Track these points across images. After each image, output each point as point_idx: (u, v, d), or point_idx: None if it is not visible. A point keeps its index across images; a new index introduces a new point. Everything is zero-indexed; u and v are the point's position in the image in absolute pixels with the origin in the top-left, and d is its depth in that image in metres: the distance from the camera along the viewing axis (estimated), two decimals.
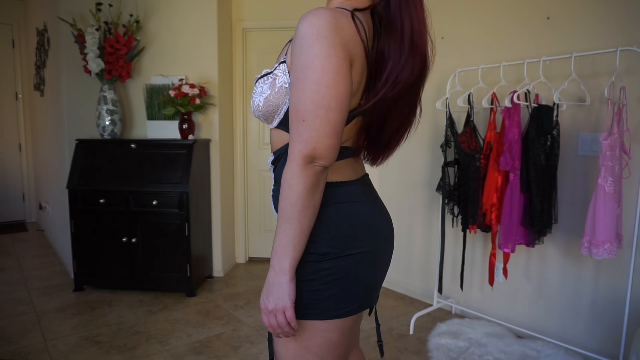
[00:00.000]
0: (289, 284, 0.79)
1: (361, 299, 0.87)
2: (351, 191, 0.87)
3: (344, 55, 0.74)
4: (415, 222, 2.86)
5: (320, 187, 0.79)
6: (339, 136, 0.76)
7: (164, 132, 3.01)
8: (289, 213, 0.77)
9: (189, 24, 3.06)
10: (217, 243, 3.22)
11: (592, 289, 2.04)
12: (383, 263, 0.91)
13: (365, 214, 0.87)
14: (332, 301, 0.83)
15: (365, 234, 0.86)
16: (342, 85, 0.74)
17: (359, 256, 0.84)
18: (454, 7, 2.54)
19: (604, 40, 1.95)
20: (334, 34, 0.73)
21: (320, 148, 0.74)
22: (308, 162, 0.75)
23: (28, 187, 5.05)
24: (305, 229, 0.79)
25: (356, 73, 0.79)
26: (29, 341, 2.19)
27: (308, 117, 0.74)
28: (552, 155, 1.95)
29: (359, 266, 0.85)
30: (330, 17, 0.74)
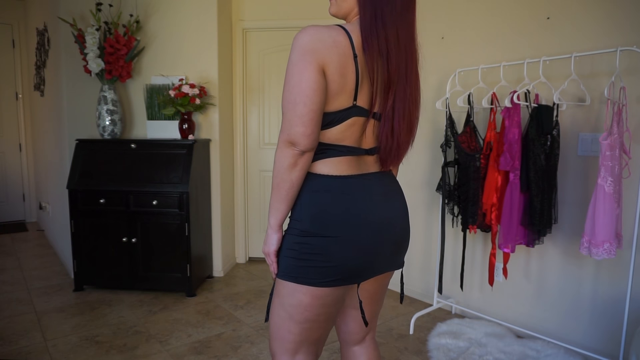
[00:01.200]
0: (273, 235, 1.06)
1: (334, 276, 1.01)
2: (340, 184, 1.01)
3: (311, 61, 0.91)
4: (415, 222, 2.86)
5: (299, 167, 0.98)
6: (308, 126, 0.93)
7: (164, 132, 3.01)
8: (274, 182, 1.01)
9: (189, 24, 3.07)
10: (217, 243, 3.22)
11: (592, 289, 2.05)
12: (365, 251, 1.02)
13: (347, 206, 1.00)
14: (307, 271, 1.00)
15: (343, 222, 0.99)
16: (305, 84, 0.91)
17: (335, 239, 0.99)
18: (454, 7, 2.54)
19: (603, 40, 1.95)
20: (308, 45, 0.92)
21: (292, 134, 0.94)
22: (287, 146, 0.96)
23: (28, 187, 5.06)
24: (284, 198, 1.01)
25: (333, 75, 0.94)
26: (29, 341, 2.19)
27: (285, 111, 0.95)
28: (552, 155, 1.95)
29: (334, 247, 0.99)
30: (310, 32, 0.93)
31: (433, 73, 2.68)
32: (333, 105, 0.97)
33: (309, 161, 0.99)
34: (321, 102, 0.93)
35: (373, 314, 1.24)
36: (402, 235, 1.11)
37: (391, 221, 1.07)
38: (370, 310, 1.22)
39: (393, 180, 1.14)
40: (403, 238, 1.12)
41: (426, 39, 2.70)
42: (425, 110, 2.75)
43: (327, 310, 1.06)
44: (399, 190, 1.14)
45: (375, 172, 1.08)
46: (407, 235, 1.13)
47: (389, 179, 1.12)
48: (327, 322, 1.10)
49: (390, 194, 1.09)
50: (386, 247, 1.06)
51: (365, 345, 1.26)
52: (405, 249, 1.15)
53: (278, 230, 1.06)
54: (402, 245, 1.12)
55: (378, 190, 1.06)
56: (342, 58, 0.94)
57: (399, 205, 1.11)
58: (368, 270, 1.05)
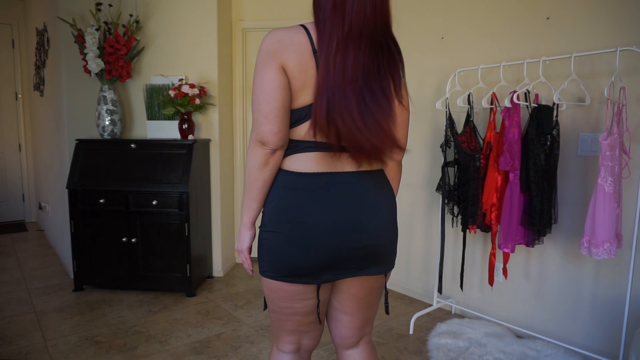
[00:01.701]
0: (245, 233, 1.11)
1: (282, 271, 1.04)
2: (300, 181, 1.01)
3: (270, 61, 0.96)
4: (415, 222, 2.86)
5: (270, 166, 1.01)
6: (274, 124, 0.96)
7: (164, 132, 3.01)
8: (247, 182, 1.05)
9: (188, 24, 3.07)
10: (217, 243, 3.22)
11: (591, 289, 2.05)
12: (316, 251, 1.01)
13: (302, 203, 1.00)
14: (267, 264, 1.06)
15: (292, 218, 1.00)
16: (266, 84, 0.96)
17: (283, 235, 1.01)
18: (454, 7, 2.54)
19: (603, 40, 1.95)
20: (268, 47, 0.97)
21: (261, 133, 0.98)
22: (258, 145, 1.00)
23: (28, 187, 5.06)
24: (256, 196, 1.05)
25: (293, 72, 0.96)
26: (29, 341, 2.19)
27: (253, 112, 0.99)
28: (551, 155, 1.95)
29: (281, 243, 1.02)
30: (271, 35, 0.98)
31: (433, 73, 2.68)
32: (298, 102, 0.99)
33: (279, 159, 1.02)
34: (284, 100, 0.97)
35: (365, 320, 1.21)
36: (374, 240, 1.05)
37: (357, 224, 1.02)
38: (361, 316, 1.19)
39: (377, 182, 1.08)
40: (377, 244, 1.06)
41: (426, 39, 2.70)
42: (425, 110, 2.75)
43: (289, 304, 1.09)
44: (382, 193, 1.08)
45: (351, 172, 1.04)
46: (384, 241, 1.07)
47: (370, 180, 1.06)
48: (296, 317, 1.12)
49: (364, 196, 1.04)
50: (350, 251, 1.03)
51: (359, 350, 1.23)
52: (383, 256, 1.08)
53: (250, 228, 1.11)
54: (378, 251, 1.07)
55: (346, 190, 1.02)
56: (301, 55, 0.96)
57: (375, 209, 1.05)
58: (326, 272, 1.04)
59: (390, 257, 1.11)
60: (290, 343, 1.20)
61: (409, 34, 2.80)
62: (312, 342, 1.22)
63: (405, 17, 2.81)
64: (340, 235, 1.01)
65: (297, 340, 1.20)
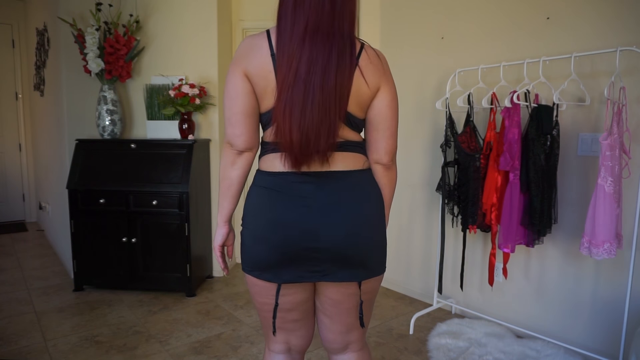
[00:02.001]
0: (219, 231, 1.16)
1: (256, 268, 1.08)
2: (268, 180, 1.05)
3: (235, 68, 1.01)
4: (415, 222, 2.86)
5: (237, 166, 1.08)
6: (236, 127, 1.03)
7: (164, 132, 3.01)
8: (219, 181, 1.11)
9: (188, 24, 3.07)
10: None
11: (591, 289, 2.05)
12: (277, 251, 1.03)
13: (263, 200, 1.04)
14: (242, 257, 1.10)
15: (257, 216, 1.05)
16: (231, 90, 1.02)
17: (251, 232, 1.06)
18: (454, 7, 2.54)
19: (603, 40, 1.95)
20: (237, 54, 1.03)
21: (228, 135, 1.05)
22: (227, 146, 1.07)
23: (28, 187, 5.06)
24: (225, 195, 1.11)
25: (255, 78, 1.00)
26: (29, 341, 2.19)
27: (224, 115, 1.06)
28: (552, 155, 1.95)
29: (249, 239, 1.06)
30: (242, 42, 1.04)
31: (433, 73, 2.68)
32: (263, 106, 1.03)
33: (247, 161, 1.09)
34: (245, 105, 1.02)
35: (347, 326, 1.18)
36: (334, 244, 1.02)
37: (313, 226, 1.01)
38: (342, 321, 1.16)
39: (349, 183, 1.04)
40: (339, 248, 1.02)
41: (426, 39, 2.70)
42: (425, 110, 2.75)
43: (266, 300, 1.13)
44: (352, 195, 1.04)
45: (317, 172, 1.02)
46: (349, 246, 1.02)
47: (338, 181, 1.03)
48: (277, 313, 1.15)
49: (326, 197, 1.02)
50: (305, 251, 1.02)
51: (347, 357, 1.22)
52: (351, 262, 1.05)
53: (223, 226, 1.15)
54: (342, 256, 1.03)
55: (307, 190, 1.01)
56: (260, 60, 0.99)
57: (337, 212, 1.01)
58: (287, 271, 1.05)
59: (363, 265, 1.06)
60: (280, 342, 1.21)
61: (409, 33, 2.80)
62: (300, 342, 1.22)
63: (405, 17, 2.81)
64: (295, 234, 1.01)
65: (286, 340, 1.21)
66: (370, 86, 1.02)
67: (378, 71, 1.02)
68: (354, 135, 1.07)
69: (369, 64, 1.01)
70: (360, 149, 1.09)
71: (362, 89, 1.01)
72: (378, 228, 1.08)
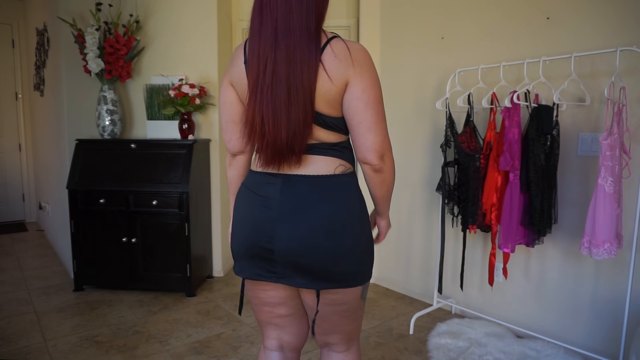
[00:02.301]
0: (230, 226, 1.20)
1: (234, 259, 1.14)
2: (249, 178, 1.11)
3: (225, 78, 1.09)
4: (415, 222, 2.86)
5: (233, 167, 1.19)
6: (226, 133, 1.13)
7: (164, 132, 3.01)
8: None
9: (188, 24, 3.07)
10: (217, 243, 3.22)
11: (592, 289, 2.04)
12: (243, 249, 1.08)
13: (241, 196, 1.11)
14: None
15: (235, 214, 1.12)
16: (220, 99, 1.11)
17: (232, 226, 1.14)
18: (454, 7, 2.54)
19: (604, 40, 1.95)
20: (228, 64, 1.09)
21: (224, 140, 1.15)
22: (227, 148, 1.17)
23: (28, 187, 5.06)
24: (229, 191, 1.24)
25: (238, 87, 1.06)
26: (29, 341, 2.19)
27: None
28: (552, 155, 1.95)
29: (231, 234, 1.14)
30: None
31: (433, 73, 2.68)
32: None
33: (241, 162, 1.18)
34: (232, 113, 1.10)
35: (322, 328, 1.15)
36: (288, 248, 1.00)
37: (270, 226, 1.01)
38: (319, 325, 1.15)
39: (316, 188, 1.01)
40: (293, 253, 1.00)
41: (426, 39, 2.70)
42: (425, 110, 2.75)
43: (253, 294, 1.17)
44: (316, 204, 1.00)
45: (286, 174, 1.02)
46: (305, 252, 0.99)
47: (304, 185, 1.01)
48: (265, 307, 1.17)
49: (288, 201, 1.00)
50: (261, 251, 1.03)
51: (329, 355, 1.21)
52: (308, 270, 1.01)
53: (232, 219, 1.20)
54: (297, 261, 1.01)
55: (273, 192, 1.02)
56: (238, 67, 1.04)
57: (294, 217, 0.99)
58: (248, 266, 1.09)
59: (322, 275, 1.02)
60: (272, 338, 1.22)
61: (409, 33, 2.80)
62: (292, 339, 1.22)
63: (405, 17, 2.81)
64: (253, 233, 1.04)
65: (278, 336, 1.21)
66: (335, 81, 0.96)
67: (343, 64, 0.95)
68: (330, 136, 1.02)
69: (333, 58, 0.95)
70: (336, 151, 1.03)
71: (326, 85, 0.96)
72: (345, 238, 1.01)
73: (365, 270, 1.07)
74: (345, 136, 1.06)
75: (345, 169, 1.05)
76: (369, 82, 0.97)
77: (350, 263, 1.03)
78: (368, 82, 0.97)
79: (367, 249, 1.06)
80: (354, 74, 0.96)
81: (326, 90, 0.96)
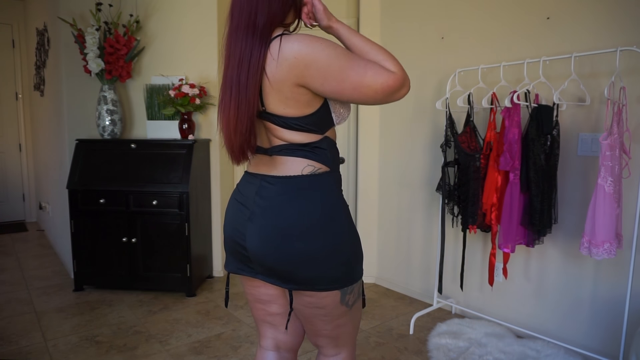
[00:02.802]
0: None
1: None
2: (242, 177, 1.13)
3: None
4: (415, 222, 2.86)
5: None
6: None
7: (164, 132, 3.01)
8: None
9: (188, 24, 3.07)
10: (217, 243, 3.22)
11: (592, 289, 2.05)
12: (224, 237, 1.11)
13: (232, 194, 1.13)
14: None
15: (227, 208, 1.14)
16: None
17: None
18: (454, 7, 2.54)
19: (604, 40, 1.95)
20: None
21: None
22: None
23: (28, 187, 5.06)
24: None
25: None
26: (29, 341, 2.19)
27: None
28: (552, 155, 1.95)
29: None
30: None
31: (433, 73, 2.68)
32: None
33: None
34: None
35: (309, 330, 1.14)
36: (255, 247, 1.01)
37: (244, 223, 1.03)
38: (306, 326, 1.14)
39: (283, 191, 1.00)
40: (260, 252, 1.00)
41: (426, 39, 2.70)
42: (425, 110, 2.75)
43: (244, 290, 1.19)
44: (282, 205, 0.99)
45: (262, 174, 1.04)
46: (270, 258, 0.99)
47: (274, 186, 1.01)
48: (258, 304, 1.18)
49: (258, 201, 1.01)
50: (238, 246, 1.06)
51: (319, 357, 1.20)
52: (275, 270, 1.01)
53: None
54: (264, 261, 1.01)
55: (250, 191, 1.05)
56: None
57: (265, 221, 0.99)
58: (232, 261, 1.11)
59: (290, 276, 1.00)
60: (268, 338, 1.22)
61: (409, 33, 2.80)
62: (288, 338, 1.22)
63: (405, 16, 2.81)
64: (231, 229, 1.07)
65: (273, 336, 1.22)
66: (276, 85, 0.93)
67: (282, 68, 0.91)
68: (297, 136, 0.98)
69: (272, 61, 0.92)
70: (305, 152, 1.00)
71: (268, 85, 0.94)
72: (312, 240, 0.97)
73: (339, 276, 1.01)
74: (319, 135, 1.01)
75: (314, 169, 1.00)
76: (321, 69, 0.90)
77: (318, 266, 0.98)
78: (320, 70, 0.90)
79: (340, 253, 1.00)
80: (304, 76, 0.91)
81: (278, 89, 0.93)
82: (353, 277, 1.04)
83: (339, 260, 1.00)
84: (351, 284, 1.04)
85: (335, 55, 0.90)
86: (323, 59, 0.89)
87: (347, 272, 1.02)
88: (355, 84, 0.90)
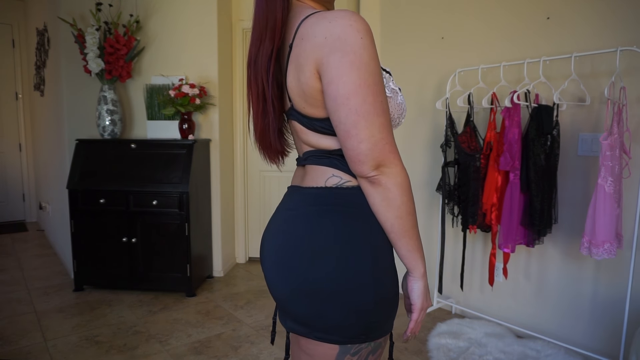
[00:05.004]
0: None
1: None
2: None
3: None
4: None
5: None
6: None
7: (164, 132, 3.01)
8: None
9: (189, 24, 3.07)
10: (217, 243, 3.22)
11: (592, 289, 2.05)
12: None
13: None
14: None
15: None
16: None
17: None
18: (454, 7, 2.54)
19: (604, 40, 1.95)
20: None
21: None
22: None
23: (28, 187, 5.06)
24: None
25: None
26: (29, 341, 2.19)
27: None
28: (552, 155, 1.95)
29: None
30: None
31: (433, 73, 2.68)
32: None
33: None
34: None
35: None
36: (267, 275, 0.85)
37: (263, 245, 0.88)
38: None
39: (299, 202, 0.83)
40: (269, 279, 0.83)
41: (426, 39, 2.70)
42: (425, 110, 2.75)
43: None
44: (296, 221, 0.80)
45: (293, 186, 0.89)
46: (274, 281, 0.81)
47: (291, 198, 0.86)
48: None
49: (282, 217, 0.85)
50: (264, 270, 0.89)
51: None
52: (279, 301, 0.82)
53: None
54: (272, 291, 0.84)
55: (280, 206, 0.89)
56: None
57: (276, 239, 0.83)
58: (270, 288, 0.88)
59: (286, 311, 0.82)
60: None
61: (409, 33, 2.80)
62: None
63: (405, 16, 2.81)
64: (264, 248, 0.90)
65: None
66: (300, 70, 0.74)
67: (309, 46, 0.72)
68: (324, 141, 0.80)
69: (299, 43, 0.74)
70: (331, 159, 0.80)
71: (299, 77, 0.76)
72: (315, 267, 0.75)
73: (343, 325, 0.75)
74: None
75: (340, 181, 0.79)
76: (339, 67, 0.69)
77: (314, 301, 0.75)
78: (338, 69, 0.69)
79: (353, 294, 0.74)
80: (322, 60, 0.71)
81: (297, 84, 0.76)
82: (367, 333, 0.76)
83: (348, 304, 0.74)
84: (359, 343, 0.76)
85: (367, 86, 0.70)
86: (352, 57, 0.69)
87: (358, 324, 0.75)
88: (350, 132, 0.71)
